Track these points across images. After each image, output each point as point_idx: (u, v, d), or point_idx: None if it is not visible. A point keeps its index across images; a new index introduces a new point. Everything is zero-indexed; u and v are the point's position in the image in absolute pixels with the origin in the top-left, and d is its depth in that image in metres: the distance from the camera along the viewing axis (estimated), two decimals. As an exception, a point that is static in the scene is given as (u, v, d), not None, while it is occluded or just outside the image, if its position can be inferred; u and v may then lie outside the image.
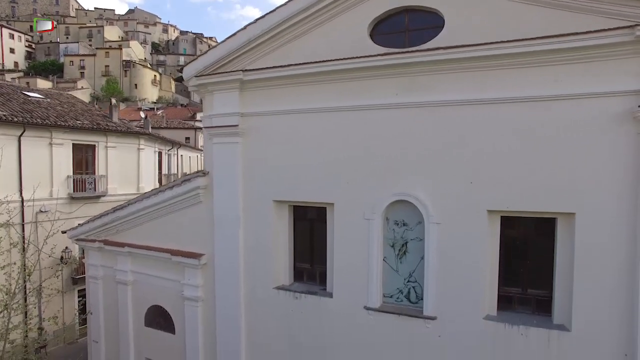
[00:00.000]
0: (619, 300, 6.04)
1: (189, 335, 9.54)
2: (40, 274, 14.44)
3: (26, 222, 14.13)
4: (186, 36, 74.67)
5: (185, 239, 9.41)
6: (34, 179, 13.85)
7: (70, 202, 15.69)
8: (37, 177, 14.26)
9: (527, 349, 6.52)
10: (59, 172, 15.31)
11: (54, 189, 15.09)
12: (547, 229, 6.78)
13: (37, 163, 14.62)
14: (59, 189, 15.41)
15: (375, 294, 7.51)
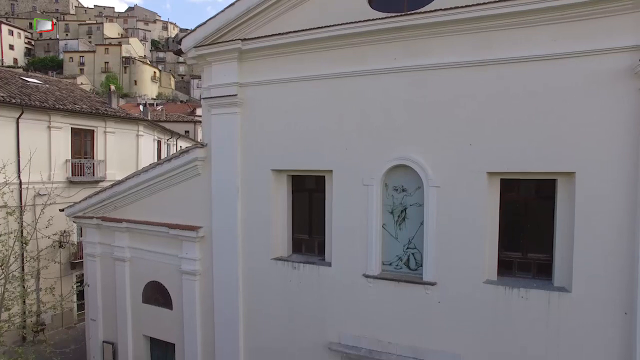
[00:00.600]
0: (619, 260, 6.00)
1: (187, 310, 9.48)
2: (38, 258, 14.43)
3: (24, 204, 14.06)
4: (186, 33, 74.22)
5: (183, 213, 9.35)
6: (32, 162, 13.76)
7: (69, 186, 15.64)
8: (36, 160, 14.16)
9: (527, 311, 6.47)
10: (58, 156, 15.26)
11: (53, 172, 15.03)
12: (547, 191, 6.75)
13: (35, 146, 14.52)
14: (58, 173, 15.39)
15: (374, 262, 7.46)
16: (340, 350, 7.70)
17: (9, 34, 62.47)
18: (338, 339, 7.79)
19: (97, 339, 11.17)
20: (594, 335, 6.12)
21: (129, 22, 72.31)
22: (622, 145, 5.93)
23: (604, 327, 6.07)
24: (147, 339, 10.55)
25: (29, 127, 14.37)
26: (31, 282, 14.71)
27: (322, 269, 7.97)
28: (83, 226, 11.31)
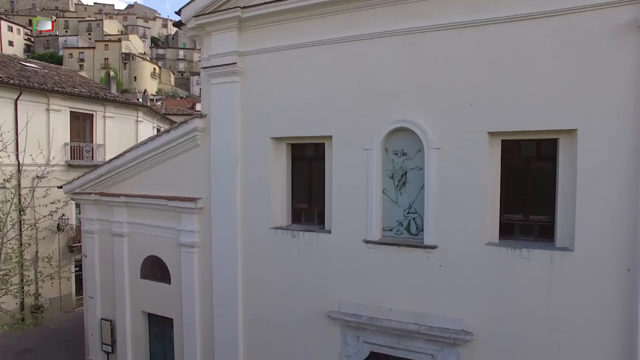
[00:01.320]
0: (622, 217, 5.92)
1: (185, 284, 9.41)
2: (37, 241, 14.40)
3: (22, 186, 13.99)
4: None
5: (182, 186, 9.29)
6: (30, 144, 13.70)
7: (68, 169, 15.58)
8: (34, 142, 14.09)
9: (530, 271, 6.40)
10: (57, 139, 15.17)
11: (52, 155, 14.95)
12: (548, 152, 6.69)
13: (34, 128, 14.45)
14: (57, 156, 15.32)
15: (374, 227, 7.39)
16: (340, 318, 7.62)
17: (9, 30, 62.42)
18: (338, 308, 7.71)
19: (95, 316, 11.11)
20: (597, 293, 6.04)
21: (129, 20, 72.28)
22: (624, 101, 5.86)
23: (607, 284, 5.99)
24: (145, 314, 10.48)
25: (28, 109, 14.28)
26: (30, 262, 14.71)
27: (322, 236, 7.91)
28: (81, 203, 11.24)
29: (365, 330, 7.51)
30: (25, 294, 10.07)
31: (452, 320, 6.86)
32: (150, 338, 10.60)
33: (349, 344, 7.71)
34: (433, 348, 7.04)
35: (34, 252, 14.01)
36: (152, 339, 10.59)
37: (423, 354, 7.13)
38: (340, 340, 7.78)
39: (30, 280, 8.84)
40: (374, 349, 7.54)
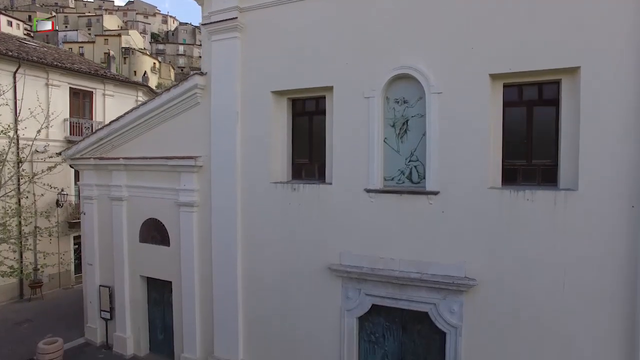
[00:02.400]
0: (625, 155, 5.85)
1: (184, 245, 9.33)
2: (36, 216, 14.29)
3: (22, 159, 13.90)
4: (186, 27, 74.85)
5: (182, 146, 9.22)
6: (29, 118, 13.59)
7: (67, 145, 15.47)
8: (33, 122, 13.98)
9: (533, 213, 6.33)
10: (56, 114, 15.01)
11: (51, 130, 14.87)
12: (550, 95, 6.63)
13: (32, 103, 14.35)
14: (56, 132, 15.26)
15: (376, 176, 7.32)
16: (341, 270, 7.54)
17: (8, 25, 62.26)
18: (339, 260, 7.64)
19: (93, 283, 11.02)
20: (602, 232, 5.97)
21: (129, 15, 72.31)
22: (627, 37, 5.80)
23: (611, 222, 5.92)
24: (144, 279, 10.39)
25: (27, 83, 14.22)
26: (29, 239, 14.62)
27: (323, 187, 7.84)
28: (80, 169, 11.16)
29: (367, 282, 7.44)
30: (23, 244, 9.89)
31: (455, 267, 6.79)
32: (149, 303, 10.52)
33: (351, 297, 7.62)
34: (436, 297, 6.96)
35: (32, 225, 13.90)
36: (151, 305, 10.51)
37: (426, 304, 7.05)
38: (341, 294, 7.70)
39: (28, 235, 8.74)
40: (376, 302, 7.46)
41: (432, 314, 7.02)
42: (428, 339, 7.29)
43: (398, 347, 7.53)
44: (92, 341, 11.18)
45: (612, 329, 6.00)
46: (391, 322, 7.56)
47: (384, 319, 7.60)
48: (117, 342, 10.64)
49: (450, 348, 6.92)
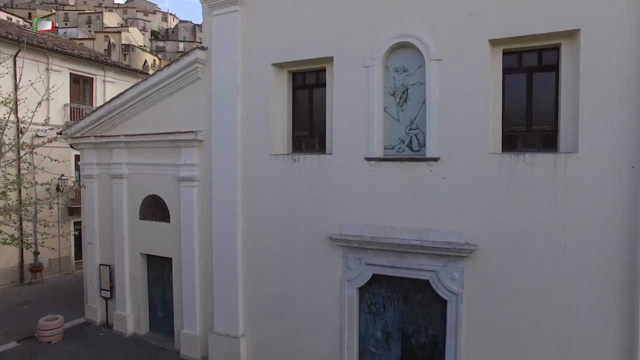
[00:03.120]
0: (625, 116, 5.84)
1: (184, 220, 9.33)
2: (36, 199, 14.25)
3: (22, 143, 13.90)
4: (186, 24, 74.97)
5: (182, 122, 9.21)
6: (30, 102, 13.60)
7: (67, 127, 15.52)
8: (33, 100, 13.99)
9: (533, 177, 6.33)
10: (56, 99, 15.09)
11: (51, 115, 14.87)
12: (550, 61, 6.64)
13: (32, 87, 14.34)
14: (56, 117, 15.27)
15: (376, 145, 7.33)
16: (341, 239, 7.54)
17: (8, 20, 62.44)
18: (339, 230, 7.64)
19: (94, 262, 11.03)
20: (602, 193, 5.97)
21: (129, 13, 72.40)
22: None
23: (612, 183, 5.92)
24: (144, 257, 10.40)
25: (27, 67, 14.18)
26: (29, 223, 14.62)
27: (323, 157, 7.84)
28: (81, 148, 11.17)
29: (368, 251, 7.44)
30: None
31: (456, 233, 6.79)
32: (149, 281, 10.53)
33: (351, 267, 7.62)
34: (437, 264, 6.96)
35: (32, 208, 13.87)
36: (151, 283, 10.52)
37: (427, 271, 7.05)
38: (341, 264, 7.70)
39: (28, 205, 8.71)
40: (377, 271, 7.46)
41: (432, 281, 7.02)
42: (429, 308, 7.29)
43: (399, 317, 7.53)
44: (92, 321, 11.18)
45: (612, 291, 6.00)
46: (392, 292, 7.56)
47: (385, 289, 7.60)
48: (117, 320, 10.65)
49: (451, 315, 6.92)
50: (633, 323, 5.88)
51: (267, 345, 8.52)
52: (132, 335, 10.44)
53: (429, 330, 7.32)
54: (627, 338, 5.93)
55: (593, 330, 6.11)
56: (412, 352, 7.44)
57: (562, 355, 6.27)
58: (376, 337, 7.72)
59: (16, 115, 13.50)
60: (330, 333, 7.84)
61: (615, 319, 6.00)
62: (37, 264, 14.54)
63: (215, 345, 8.90)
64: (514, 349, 6.52)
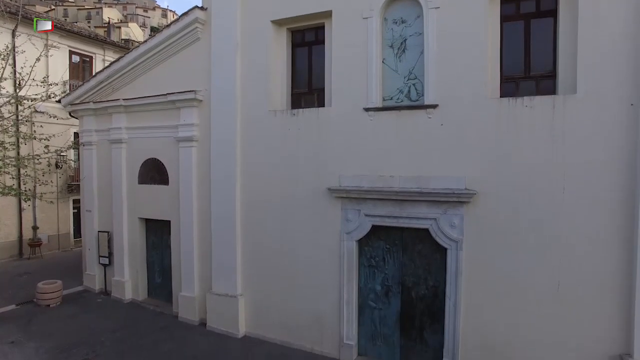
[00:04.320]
0: (623, 53, 5.83)
1: (183, 181, 9.33)
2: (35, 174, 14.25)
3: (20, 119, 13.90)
4: None
5: (182, 84, 9.21)
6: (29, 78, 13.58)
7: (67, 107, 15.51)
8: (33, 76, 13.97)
9: (532, 119, 6.32)
10: (55, 76, 15.06)
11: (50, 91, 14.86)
12: (547, 6, 6.63)
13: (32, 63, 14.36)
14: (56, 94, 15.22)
15: (375, 96, 7.33)
16: (340, 190, 7.52)
17: (8, 17, 62.39)
18: (338, 182, 7.63)
19: (92, 229, 11.02)
20: (601, 131, 5.96)
21: (129, 9, 72.40)
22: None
23: (611, 121, 5.91)
24: (143, 221, 10.40)
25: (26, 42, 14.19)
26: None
27: (322, 110, 7.85)
28: (80, 115, 11.16)
29: (367, 201, 7.43)
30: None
31: (455, 180, 6.77)
32: (148, 247, 10.51)
33: (350, 219, 7.61)
34: (436, 211, 6.95)
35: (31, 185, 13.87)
36: (149, 248, 10.50)
37: (426, 219, 7.03)
38: (340, 216, 7.68)
39: (28, 160, 8.72)
40: (376, 222, 7.44)
41: (432, 229, 7.00)
42: (429, 259, 7.27)
43: (398, 270, 7.51)
44: (90, 288, 11.17)
45: (611, 232, 5.99)
46: (391, 245, 7.55)
47: (384, 241, 7.58)
48: (115, 287, 10.62)
49: (451, 263, 6.90)
50: (632, 264, 5.87)
51: (266, 304, 8.49)
52: (130, 301, 10.42)
53: (429, 282, 7.30)
54: (627, 280, 5.91)
55: (593, 273, 6.09)
56: (412, 304, 7.42)
57: (562, 300, 6.25)
58: (376, 291, 7.70)
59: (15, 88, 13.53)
60: (330, 288, 7.82)
61: (615, 261, 5.97)
62: (36, 239, 14.51)
63: (213, 306, 8.88)
64: (513, 295, 6.50)
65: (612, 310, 6.00)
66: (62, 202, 15.48)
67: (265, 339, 8.47)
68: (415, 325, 7.42)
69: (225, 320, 8.74)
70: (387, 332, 7.64)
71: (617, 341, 5.98)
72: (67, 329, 8.77)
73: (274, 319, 8.42)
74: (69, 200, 16.05)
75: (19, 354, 7.59)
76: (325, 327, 7.92)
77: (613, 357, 5.98)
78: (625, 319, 5.92)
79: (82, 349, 7.87)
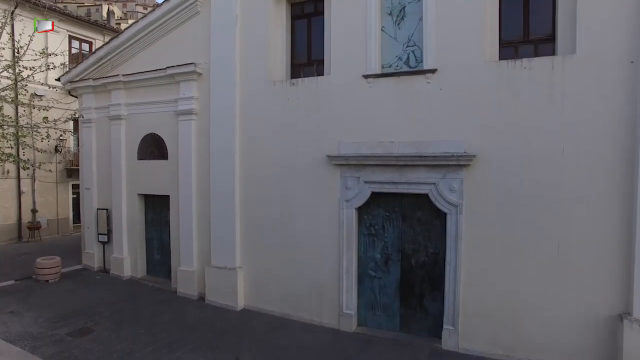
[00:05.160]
0: (622, 9, 5.81)
1: (182, 155, 9.33)
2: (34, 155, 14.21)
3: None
4: None
5: (181, 58, 9.18)
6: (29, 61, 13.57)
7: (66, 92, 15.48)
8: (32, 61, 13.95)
9: (531, 81, 6.32)
10: (55, 60, 15.06)
11: (50, 75, 14.84)
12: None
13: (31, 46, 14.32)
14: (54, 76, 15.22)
15: (374, 63, 7.34)
16: (340, 157, 7.52)
17: (8, 14, 62.52)
18: (337, 149, 7.62)
19: (91, 207, 11.01)
20: (600, 92, 5.94)
21: (128, 6, 72.52)
22: None
23: (610, 80, 5.90)
24: (142, 197, 10.39)
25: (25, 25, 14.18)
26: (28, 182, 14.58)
27: (321, 79, 7.85)
28: (79, 93, 11.16)
29: (366, 168, 7.41)
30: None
31: (454, 144, 6.76)
32: (146, 224, 10.50)
33: (350, 187, 7.59)
34: (435, 176, 6.94)
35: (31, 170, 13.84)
36: (148, 225, 10.49)
37: (426, 184, 7.02)
38: (340, 184, 7.67)
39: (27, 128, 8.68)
40: (375, 189, 7.43)
41: (432, 194, 6.99)
42: (428, 225, 7.26)
43: (398, 238, 7.50)
44: (89, 267, 11.16)
45: (611, 192, 5.96)
46: (391, 212, 7.53)
47: (384, 209, 7.57)
48: (114, 264, 10.61)
49: (451, 228, 6.88)
50: (631, 224, 5.85)
51: (265, 276, 8.48)
52: (129, 278, 10.41)
53: (429, 249, 7.29)
54: (626, 240, 5.89)
55: (592, 234, 6.06)
56: (412, 272, 7.41)
57: (562, 263, 6.23)
58: (375, 260, 7.69)
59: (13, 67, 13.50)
60: (330, 258, 7.79)
61: (615, 221, 5.95)
62: (35, 222, 14.49)
63: (212, 279, 8.87)
64: (514, 259, 6.48)
65: (611, 270, 5.98)
66: (61, 186, 15.47)
67: (264, 311, 8.45)
68: (415, 293, 7.40)
69: (224, 294, 8.72)
70: (387, 302, 7.63)
71: (617, 302, 5.96)
72: (65, 301, 8.75)
73: (273, 291, 8.40)
74: (69, 184, 16.03)
75: (18, 323, 7.57)
76: (324, 297, 7.90)
77: (613, 318, 5.96)
78: (624, 280, 5.90)
79: (81, 318, 7.86)
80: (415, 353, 6.74)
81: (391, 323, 7.60)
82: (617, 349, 5.85)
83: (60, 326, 7.49)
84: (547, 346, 6.33)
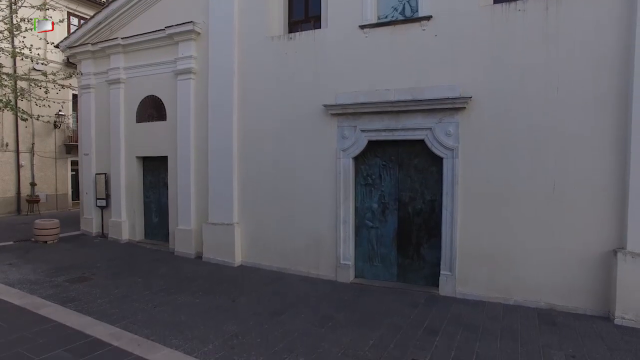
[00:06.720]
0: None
1: (181, 115, 9.38)
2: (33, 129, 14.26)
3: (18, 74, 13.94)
4: None
5: (180, 19, 9.23)
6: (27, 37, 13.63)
7: (65, 68, 15.54)
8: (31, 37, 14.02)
9: (525, 23, 6.38)
10: (54, 36, 15.17)
11: (49, 51, 14.94)
12: None
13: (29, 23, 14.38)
14: (54, 54, 15.28)
15: (369, 14, 7.43)
16: (337, 106, 7.57)
17: (8, 11, 62.65)
18: (334, 99, 7.68)
19: (90, 173, 11.05)
20: (594, 29, 5.97)
21: (128, 4, 73.29)
22: None
23: (606, 17, 5.92)
24: (140, 160, 10.44)
25: (23, 3, 14.28)
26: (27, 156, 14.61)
27: (318, 32, 7.93)
28: (78, 60, 11.21)
29: (362, 116, 7.47)
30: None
31: (450, 88, 6.81)
32: (145, 187, 10.54)
33: (347, 136, 7.64)
34: (432, 121, 6.99)
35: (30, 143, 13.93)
36: (146, 188, 10.53)
37: (422, 130, 7.07)
38: (336, 134, 7.72)
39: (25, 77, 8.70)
40: (372, 137, 7.48)
41: (428, 139, 7.04)
42: (425, 173, 7.30)
43: (395, 186, 7.54)
44: (87, 232, 11.19)
45: (605, 130, 6.00)
46: (387, 161, 7.58)
47: (380, 158, 7.62)
48: (112, 228, 10.64)
49: (447, 173, 6.92)
50: (626, 161, 5.90)
51: (262, 231, 8.52)
52: (127, 242, 10.44)
53: (426, 196, 7.33)
54: (620, 176, 5.94)
55: (587, 171, 6.10)
56: (409, 220, 7.45)
57: (557, 202, 6.26)
58: (372, 210, 7.73)
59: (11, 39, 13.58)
60: (327, 209, 7.84)
61: (610, 157, 5.99)
62: (34, 195, 14.52)
63: (209, 236, 8.91)
64: (510, 201, 6.51)
65: (606, 208, 6.01)
66: (60, 162, 15.50)
67: (262, 266, 8.49)
68: (412, 241, 7.44)
69: (221, 250, 8.76)
70: (384, 252, 7.66)
71: (611, 238, 6.00)
72: (63, 258, 8.78)
73: (270, 246, 8.44)
74: (67, 161, 16.06)
75: (16, 272, 7.60)
76: (322, 249, 7.93)
77: (607, 253, 6.00)
78: (618, 216, 5.94)
79: (79, 270, 7.89)
80: (413, 299, 6.77)
81: (389, 273, 7.63)
82: (610, 283, 5.90)
83: (58, 275, 7.53)
84: (542, 286, 6.36)
